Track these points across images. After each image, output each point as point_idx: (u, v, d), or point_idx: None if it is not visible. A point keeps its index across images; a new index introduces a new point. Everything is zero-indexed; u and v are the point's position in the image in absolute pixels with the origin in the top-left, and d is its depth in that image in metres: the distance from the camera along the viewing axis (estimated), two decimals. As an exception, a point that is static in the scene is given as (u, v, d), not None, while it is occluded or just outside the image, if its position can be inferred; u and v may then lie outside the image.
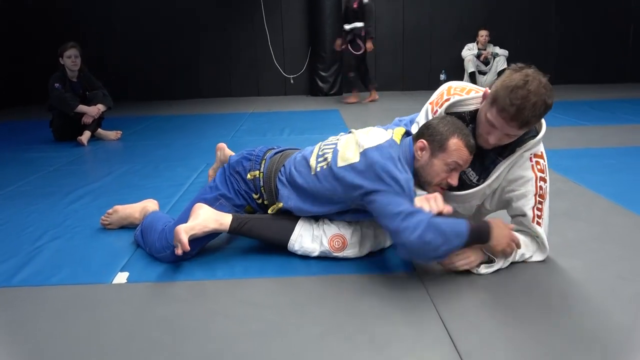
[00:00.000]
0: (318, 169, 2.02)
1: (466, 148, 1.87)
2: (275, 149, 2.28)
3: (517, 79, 1.75)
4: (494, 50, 8.08)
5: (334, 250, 2.03)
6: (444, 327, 1.56)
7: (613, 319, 1.59)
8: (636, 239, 2.19)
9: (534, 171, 1.95)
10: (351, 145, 1.98)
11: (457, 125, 1.91)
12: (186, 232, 1.93)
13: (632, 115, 5.42)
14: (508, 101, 1.73)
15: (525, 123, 1.78)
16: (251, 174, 2.15)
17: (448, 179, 1.91)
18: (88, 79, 4.93)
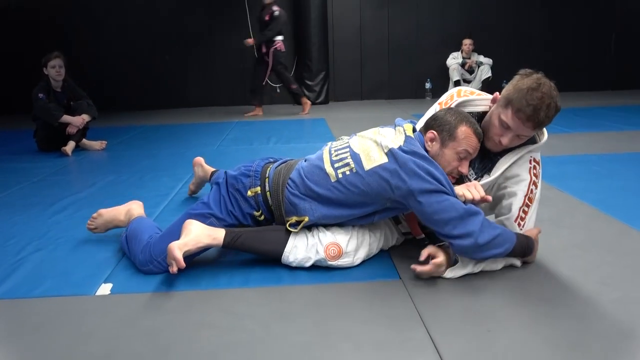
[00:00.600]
0: (340, 176, 1.97)
1: (475, 135, 1.92)
2: (272, 161, 2.24)
3: (530, 82, 1.85)
4: (478, 59, 8.15)
5: (330, 258, 2.01)
6: (428, 334, 1.57)
7: (596, 324, 1.60)
8: (619, 245, 2.21)
9: (530, 174, 2.02)
10: (372, 146, 1.97)
11: (463, 114, 1.96)
12: (180, 248, 1.88)
13: (616, 122, 5.49)
14: (524, 102, 1.82)
15: (540, 123, 1.87)
16: (252, 190, 2.10)
17: (459, 167, 1.95)
18: (72, 89, 4.90)
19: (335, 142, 2.18)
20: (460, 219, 1.82)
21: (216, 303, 1.82)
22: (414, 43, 8.55)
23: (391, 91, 8.69)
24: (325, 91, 8.25)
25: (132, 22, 8.19)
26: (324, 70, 8.15)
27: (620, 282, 1.87)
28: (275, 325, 1.66)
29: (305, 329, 1.63)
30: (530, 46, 8.65)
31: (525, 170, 2.01)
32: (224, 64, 8.41)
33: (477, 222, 1.82)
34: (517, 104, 1.83)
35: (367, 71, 8.60)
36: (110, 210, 2.43)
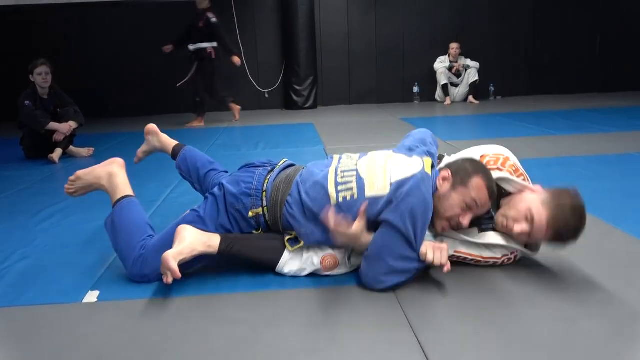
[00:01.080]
0: (341, 200, 1.93)
1: (487, 190, 1.88)
2: (270, 169, 2.14)
3: (573, 203, 1.88)
4: (465, 63, 8.21)
5: (326, 269, 1.99)
6: (415, 336, 1.57)
7: (581, 325, 1.62)
8: (604, 246, 2.24)
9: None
10: (379, 174, 1.93)
11: (484, 169, 1.93)
12: (174, 258, 1.82)
13: (600, 124, 5.55)
14: (564, 221, 1.85)
15: (558, 237, 1.91)
16: (253, 212, 2.03)
17: (460, 217, 1.89)
18: (59, 96, 4.88)
19: (343, 160, 2.09)
20: (390, 269, 1.84)
21: (204, 309, 1.81)
22: (401, 47, 8.60)
23: (379, 95, 8.73)
24: (313, 96, 8.27)
25: (119, 29, 8.17)
26: (312, 75, 8.18)
27: (606, 282, 1.89)
28: (264, 330, 1.66)
29: (294, 334, 1.63)
30: (516, 49, 8.73)
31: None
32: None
33: (396, 279, 1.85)
34: (557, 212, 1.85)
35: (355, 76, 8.64)
36: (89, 171, 2.31)
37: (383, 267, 1.85)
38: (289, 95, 8.27)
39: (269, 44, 8.39)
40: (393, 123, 6.23)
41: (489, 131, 5.59)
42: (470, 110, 7.42)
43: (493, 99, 8.62)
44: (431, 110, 7.62)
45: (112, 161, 2.36)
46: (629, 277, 1.94)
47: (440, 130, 5.79)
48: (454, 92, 8.28)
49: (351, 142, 4.97)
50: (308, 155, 4.47)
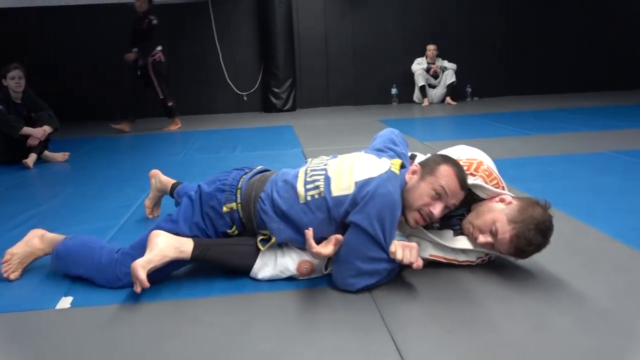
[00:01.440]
0: (309, 198, 1.94)
1: (456, 177, 1.87)
2: (247, 171, 2.16)
3: (542, 217, 1.87)
4: (442, 64, 8.28)
5: (302, 275, 1.99)
6: (391, 337, 1.59)
7: (553, 321, 1.65)
8: (574, 243, 2.28)
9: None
10: (345, 173, 1.94)
11: (453, 160, 1.93)
12: (143, 267, 1.82)
13: (573, 124, 5.64)
14: (528, 234, 1.85)
15: (519, 252, 1.93)
16: (227, 206, 2.02)
17: (431, 207, 1.87)
18: (33, 100, 4.82)
19: (314, 161, 2.13)
20: (358, 271, 1.85)
21: (179, 313, 1.81)
22: (379, 49, 8.64)
23: (358, 97, 8.76)
24: (292, 98, 8.27)
25: (95, 32, 8.07)
26: (291, 77, 8.18)
27: (576, 278, 1.93)
28: (240, 333, 1.66)
29: (269, 337, 1.63)
30: (492, 51, 8.82)
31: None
32: (188, 73, 8.35)
33: (366, 281, 1.86)
34: (521, 230, 1.86)
35: (334, 78, 8.66)
36: (19, 245, 2.15)
37: (351, 270, 1.86)
38: (268, 98, 8.26)
39: (247, 47, 8.38)
40: (371, 125, 6.26)
41: (466, 132, 5.64)
42: (448, 111, 7.49)
43: (470, 99, 8.71)
44: (409, 112, 7.67)
45: (33, 233, 2.22)
46: (598, 273, 1.97)
47: (419, 131, 5.84)
48: (431, 93, 8.35)
49: (330, 144, 4.99)
50: (287, 157, 4.48)
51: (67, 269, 2.09)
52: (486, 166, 2.10)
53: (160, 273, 1.96)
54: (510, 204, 1.95)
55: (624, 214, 2.61)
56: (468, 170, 2.05)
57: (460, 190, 1.89)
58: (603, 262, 2.08)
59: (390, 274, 1.92)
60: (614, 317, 1.66)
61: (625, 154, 3.95)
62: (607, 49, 8.89)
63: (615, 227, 2.42)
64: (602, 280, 1.92)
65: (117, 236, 2.62)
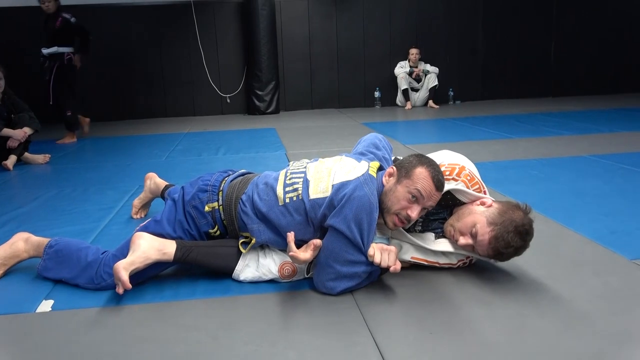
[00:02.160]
0: (287, 200, 1.95)
1: (432, 180, 1.86)
2: (230, 174, 2.18)
3: (522, 221, 1.88)
4: (425, 68, 8.34)
5: (284, 277, 1.99)
6: (372, 339, 1.59)
7: (534, 324, 1.67)
8: (556, 246, 2.31)
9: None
10: (324, 177, 1.95)
11: (430, 161, 1.92)
12: (125, 268, 1.82)
13: (554, 127, 5.71)
14: (507, 238, 1.87)
15: (498, 255, 1.95)
16: (209, 206, 2.04)
17: (408, 210, 1.87)
18: (13, 102, 4.75)
19: (296, 163, 2.14)
20: (337, 274, 1.86)
21: (162, 316, 1.80)
22: (362, 53, 8.68)
23: (341, 100, 8.78)
24: (275, 101, 8.26)
25: (76, 33, 7.99)
26: (274, 80, 8.17)
27: (556, 281, 1.95)
28: (222, 335, 1.66)
29: (252, 339, 1.63)
30: (475, 55, 8.90)
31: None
32: (171, 74, 8.31)
33: (346, 283, 1.87)
34: (500, 232, 1.88)
35: (317, 81, 8.67)
36: (4, 247, 2.14)
37: (331, 273, 1.87)
38: (251, 100, 8.24)
39: (230, 49, 8.36)
40: (355, 128, 6.28)
41: (449, 135, 5.68)
42: (431, 115, 7.54)
43: (452, 103, 8.78)
44: (392, 115, 7.71)
45: (18, 236, 2.19)
46: (578, 276, 2.00)
47: (402, 134, 5.87)
48: (414, 96, 8.40)
49: (313, 147, 4.99)
50: (270, 160, 4.48)
51: (52, 272, 2.07)
52: (468, 171, 2.12)
53: (143, 274, 1.96)
54: (490, 207, 1.98)
55: (604, 217, 2.65)
56: (450, 175, 2.07)
57: (436, 191, 1.89)
58: (583, 265, 2.11)
59: (371, 277, 1.93)
60: (593, 319, 1.68)
61: (606, 158, 4.01)
62: (587, 53, 9.02)
63: (594, 230, 2.45)
64: (582, 282, 1.94)
65: (99, 238, 2.60)
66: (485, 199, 2.02)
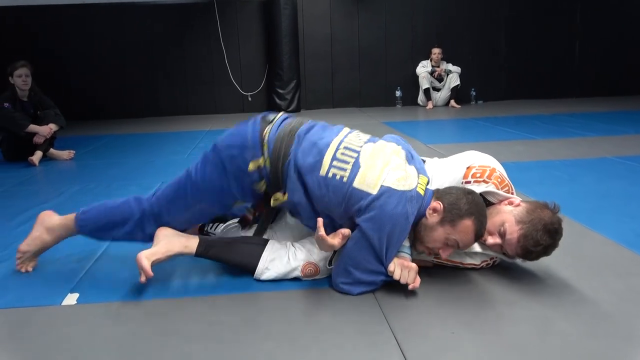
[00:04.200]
0: (330, 175, 1.85)
1: (473, 234, 1.83)
2: (269, 119, 2.02)
3: (550, 219, 1.87)
4: (447, 67, 8.29)
5: (305, 276, 1.99)
6: (394, 337, 1.59)
7: (557, 326, 1.65)
8: (579, 248, 2.28)
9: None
10: (377, 168, 1.84)
11: (480, 210, 1.83)
12: (148, 258, 1.86)
13: (578, 128, 5.64)
14: (533, 240, 1.85)
15: (526, 254, 1.92)
16: (254, 163, 1.92)
17: (441, 250, 1.87)
18: (39, 98, 4.84)
19: (351, 136, 2.00)
20: (356, 280, 1.86)
21: (185, 311, 1.82)
22: (384, 52, 8.65)
23: (362, 99, 8.77)
24: (296, 99, 8.29)
25: (100, 31, 8.12)
26: (296, 78, 8.19)
27: (580, 283, 1.93)
28: (244, 331, 1.67)
29: (273, 335, 1.64)
30: (497, 55, 8.83)
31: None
32: (193, 72, 8.38)
33: (361, 288, 1.88)
34: (529, 230, 1.86)
35: (338, 80, 8.67)
36: (29, 241, 2.16)
37: (349, 278, 1.87)
38: (272, 99, 8.28)
39: (252, 48, 8.40)
40: (376, 127, 6.26)
41: (470, 135, 5.64)
42: (452, 115, 7.49)
43: (474, 103, 8.71)
44: (413, 114, 7.68)
45: (41, 218, 2.21)
46: (602, 278, 1.98)
47: (423, 134, 5.84)
48: (435, 96, 8.36)
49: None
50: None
51: (99, 236, 2.16)
52: (498, 173, 2.10)
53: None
54: (518, 206, 1.96)
55: (629, 219, 2.61)
56: (481, 177, 2.05)
57: (474, 242, 1.88)
58: (607, 267, 2.08)
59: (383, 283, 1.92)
60: (617, 322, 1.66)
61: (631, 160, 3.95)
62: (612, 52, 8.88)
63: (619, 233, 2.42)
64: (606, 285, 1.92)
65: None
66: (513, 199, 2.01)
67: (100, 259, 2.30)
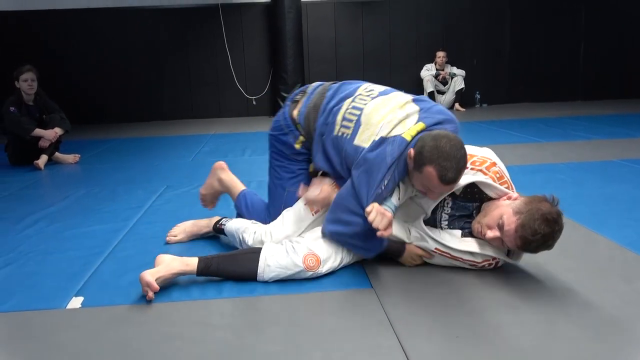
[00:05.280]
0: (340, 134, 2.07)
1: (438, 180, 1.84)
2: (296, 98, 2.32)
3: (548, 210, 1.86)
4: (451, 71, 8.28)
5: (309, 268, 2.01)
6: (398, 341, 1.59)
7: (562, 330, 1.65)
8: (584, 251, 2.27)
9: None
10: (373, 125, 2.00)
11: (442, 154, 1.82)
12: (152, 275, 1.91)
13: (583, 131, 5.62)
14: (531, 229, 1.84)
15: (526, 245, 1.90)
16: (298, 142, 2.21)
17: (427, 193, 1.94)
18: (45, 103, 4.87)
19: (364, 91, 2.20)
20: (336, 218, 2.00)
21: (189, 314, 1.82)
22: (388, 55, 8.65)
23: (366, 103, 8.76)
24: (301, 103, 8.28)
25: (105, 35, 8.15)
26: (300, 82, 8.19)
27: (585, 287, 1.93)
28: (248, 335, 1.67)
29: (277, 339, 1.64)
30: (501, 58, 8.82)
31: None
32: (199, 76, 8.41)
33: (339, 227, 2.00)
34: (526, 219, 1.85)
35: (342, 83, 8.67)
36: (207, 185, 2.62)
37: (331, 215, 2.02)
38: (277, 102, 8.27)
39: (256, 51, 8.42)
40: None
41: (475, 138, 5.62)
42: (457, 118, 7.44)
43: (479, 106, 8.70)
44: (418, 118, 7.65)
45: (215, 168, 2.63)
46: (607, 281, 1.97)
47: (426, 137, 5.82)
48: (440, 99, 8.35)
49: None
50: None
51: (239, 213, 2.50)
52: (498, 168, 2.10)
53: None
54: (516, 200, 1.97)
55: (634, 223, 2.60)
56: (480, 166, 2.06)
57: (446, 186, 1.88)
58: (612, 270, 2.07)
59: (368, 245, 2.02)
60: (623, 326, 1.65)
61: (636, 163, 3.94)
62: (617, 55, 8.85)
63: (624, 236, 2.41)
64: (611, 288, 1.91)
65: (128, 237, 2.64)
66: (511, 194, 2.01)
67: (105, 263, 2.31)
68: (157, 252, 2.26)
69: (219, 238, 2.51)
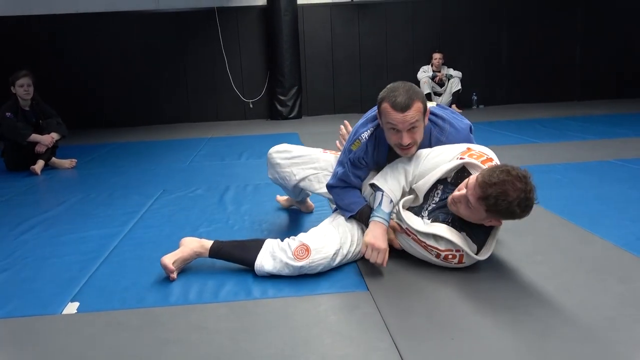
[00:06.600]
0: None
1: (392, 109, 2.01)
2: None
3: (505, 171, 1.86)
4: (448, 72, 8.29)
5: (299, 258, 2.05)
6: (394, 344, 1.59)
7: (558, 330, 1.65)
8: (580, 252, 2.27)
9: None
10: None
11: (392, 88, 2.07)
12: (169, 259, 2.10)
13: (579, 132, 5.63)
14: (490, 177, 1.85)
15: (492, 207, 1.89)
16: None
17: (400, 140, 2.05)
18: (41, 108, 4.86)
19: None
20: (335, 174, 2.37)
21: (185, 319, 1.82)
22: (385, 57, 8.66)
23: (364, 105, 8.75)
24: (298, 106, 8.30)
25: (101, 39, 8.15)
26: (297, 85, 8.21)
27: (581, 287, 1.93)
28: (244, 339, 1.67)
29: (273, 342, 1.64)
30: (498, 59, 8.83)
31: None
32: (194, 79, 8.41)
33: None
34: (485, 171, 1.88)
35: (340, 85, 8.68)
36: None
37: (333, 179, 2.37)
38: (274, 105, 8.29)
39: (253, 54, 8.42)
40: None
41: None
42: (453, 119, 7.47)
43: (476, 107, 8.71)
44: (414, 119, 7.66)
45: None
46: (603, 282, 1.97)
47: (423, 139, 5.82)
48: (437, 101, 8.36)
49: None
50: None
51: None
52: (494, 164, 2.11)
53: None
54: None
55: (630, 223, 2.60)
56: (477, 159, 2.09)
57: (401, 112, 1.99)
58: (608, 271, 2.07)
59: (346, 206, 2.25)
60: (618, 326, 1.65)
61: (631, 163, 3.94)
62: (613, 56, 8.87)
63: (620, 236, 2.41)
64: (607, 289, 1.91)
65: (124, 242, 2.64)
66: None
67: (101, 268, 2.31)
68: (154, 256, 2.28)
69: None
